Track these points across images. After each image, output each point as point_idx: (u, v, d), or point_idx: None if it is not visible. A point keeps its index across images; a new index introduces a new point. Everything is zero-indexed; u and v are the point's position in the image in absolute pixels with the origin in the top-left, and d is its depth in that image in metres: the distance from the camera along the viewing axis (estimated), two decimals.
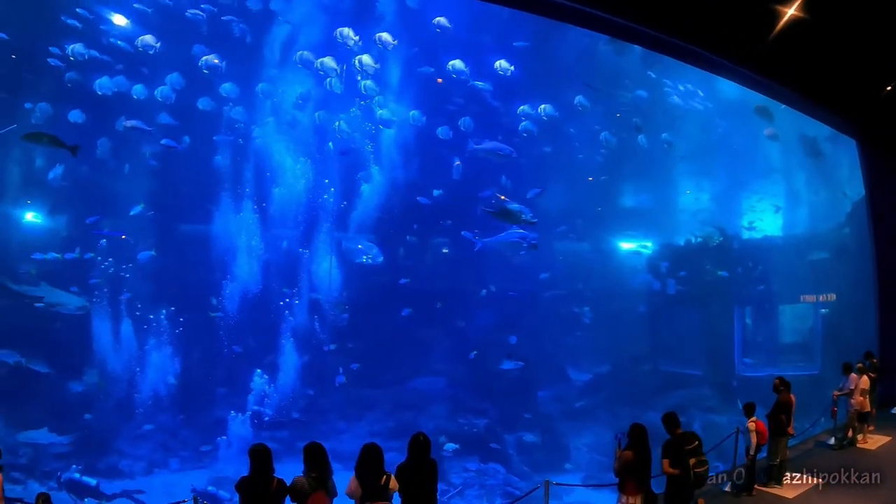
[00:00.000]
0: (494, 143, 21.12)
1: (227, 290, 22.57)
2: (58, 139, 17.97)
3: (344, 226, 24.18)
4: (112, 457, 20.74)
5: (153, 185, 22.84)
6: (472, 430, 22.25)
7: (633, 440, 9.35)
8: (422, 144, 23.44)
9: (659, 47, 13.98)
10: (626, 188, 29.09)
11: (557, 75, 23.61)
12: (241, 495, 7.30)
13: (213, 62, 20.25)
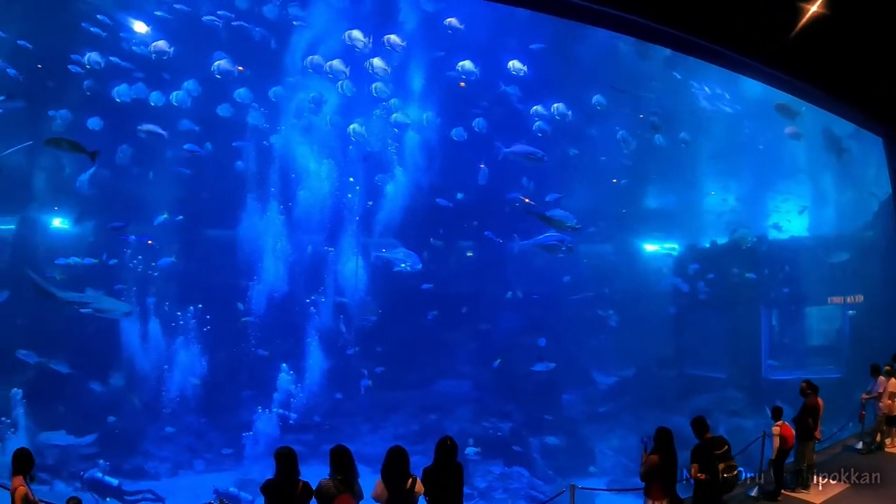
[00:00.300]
0: (525, 147, 21.07)
1: (254, 295, 22.76)
2: (78, 144, 18.17)
3: (368, 230, 24.29)
4: (138, 458, 21.07)
5: (179, 191, 23.13)
6: (496, 433, 22.22)
7: (658, 444, 9.31)
8: (445, 147, 23.42)
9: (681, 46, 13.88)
10: (650, 190, 28.90)
11: (581, 77, 23.50)
12: (267, 498, 7.34)
13: (227, 68, 20.34)
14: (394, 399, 23.33)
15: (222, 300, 22.37)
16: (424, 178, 24.13)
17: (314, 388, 22.42)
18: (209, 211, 23.50)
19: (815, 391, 12.49)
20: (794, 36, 11.37)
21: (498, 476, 21.22)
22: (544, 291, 24.88)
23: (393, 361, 23.41)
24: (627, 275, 27.05)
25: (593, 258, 26.53)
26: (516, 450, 22.07)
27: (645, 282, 27.75)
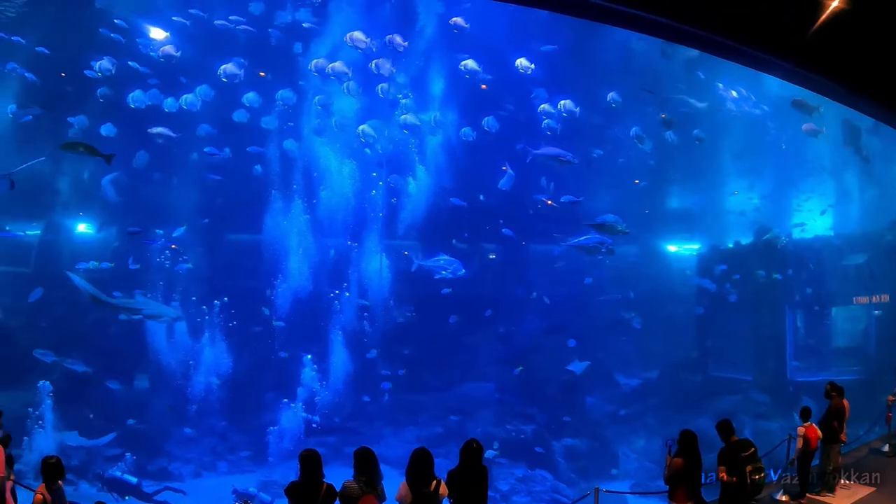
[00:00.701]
0: (554, 149, 21.00)
1: (278, 298, 22.90)
2: (94, 148, 18.39)
3: (390, 232, 24.37)
4: (162, 459, 21.32)
5: (202, 195, 23.42)
6: (519, 435, 22.17)
7: (683, 447, 9.28)
8: (467, 149, 23.43)
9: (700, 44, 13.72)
10: (672, 190, 28.73)
11: (603, 77, 23.39)
12: (291, 499, 7.42)
13: (234, 71, 20.42)
14: (417, 401, 23.39)
15: (247, 303, 22.53)
16: (445, 179, 24.12)
17: (338, 391, 22.52)
18: (232, 214, 23.75)
19: (841, 393, 12.37)
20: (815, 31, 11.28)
21: (520, 479, 21.18)
22: (567, 293, 24.81)
23: (416, 364, 23.51)
24: (650, 276, 26.89)
25: (616, 259, 26.39)
26: (539, 452, 22.02)
27: (668, 283, 27.60)
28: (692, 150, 25.21)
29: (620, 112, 22.76)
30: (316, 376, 22.37)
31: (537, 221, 24.55)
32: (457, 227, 24.61)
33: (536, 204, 23.57)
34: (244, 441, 21.73)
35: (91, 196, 24.43)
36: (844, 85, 14.94)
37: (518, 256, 25.47)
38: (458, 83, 23.03)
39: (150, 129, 20.69)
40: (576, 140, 22.94)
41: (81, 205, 24.70)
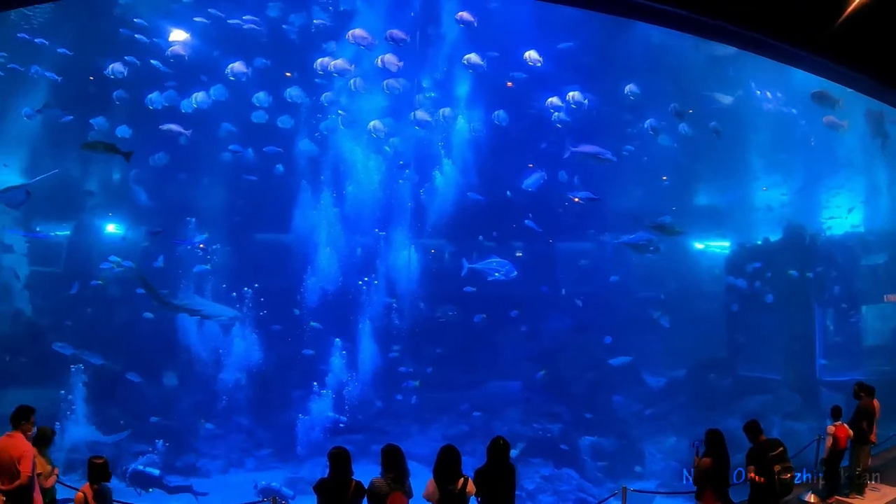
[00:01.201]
0: (593, 147, 20.87)
1: (305, 296, 23.04)
2: (112, 146, 18.66)
3: (417, 230, 24.44)
4: (190, 456, 21.52)
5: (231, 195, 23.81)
6: (545, 434, 22.09)
7: (710, 447, 9.23)
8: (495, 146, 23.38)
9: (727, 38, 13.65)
10: (700, 187, 28.43)
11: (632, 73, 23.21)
12: (320, 497, 7.49)
13: (241, 70, 20.47)
14: (443, 399, 23.38)
15: (275, 301, 22.72)
16: (471, 176, 24.03)
17: (365, 388, 22.65)
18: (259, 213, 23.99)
19: (870, 393, 12.19)
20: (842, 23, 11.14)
21: (547, 477, 21.12)
22: (593, 291, 24.67)
23: (443, 362, 23.56)
24: (678, 273, 26.64)
25: (643, 257, 26.29)
26: (565, 451, 21.96)
27: (696, 280, 27.32)
28: (720, 147, 24.98)
29: (648, 108, 22.60)
30: (343, 374, 22.50)
31: (565, 218, 24.50)
32: (484, 225, 24.61)
33: (564, 201, 23.44)
34: (271, 438, 21.87)
35: (120, 197, 24.86)
36: (872, 77, 14.74)
37: (545, 254, 25.38)
38: (485, 81, 22.95)
39: (163, 126, 20.81)
40: (604, 137, 22.84)
41: (110, 205, 25.10)
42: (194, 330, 23.00)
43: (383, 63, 20.14)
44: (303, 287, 23.19)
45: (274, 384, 22.60)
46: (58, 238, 26.00)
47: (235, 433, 22.39)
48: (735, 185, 28.35)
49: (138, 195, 24.39)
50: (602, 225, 25.64)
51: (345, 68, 20.12)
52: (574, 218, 24.64)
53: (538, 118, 22.65)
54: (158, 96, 21.12)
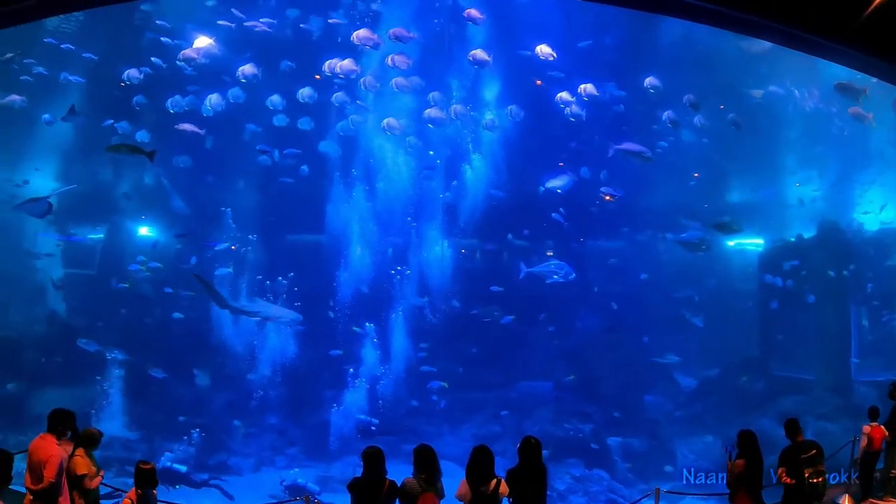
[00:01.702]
0: (635, 145, 20.84)
1: (337, 296, 23.19)
2: (136, 147, 19.07)
3: (449, 229, 24.48)
4: (222, 454, 21.83)
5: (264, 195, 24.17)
6: (577, 434, 22.03)
7: (743, 448, 9.10)
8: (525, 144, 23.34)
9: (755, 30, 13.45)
10: (732, 183, 28.06)
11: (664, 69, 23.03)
12: (353, 495, 7.53)
13: (252, 72, 20.44)
14: (474, 399, 23.43)
15: (307, 301, 22.88)
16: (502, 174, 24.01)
17: (396, 388, 22.77)
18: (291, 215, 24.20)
19: None
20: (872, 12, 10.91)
21: (577, 478, 21.06)
22: (624, 290, 24.49)
23: (474, 361, 23.63)
24: (710, 272, 26.35)
25: (675, 255, 26.06)
26: (596, 451, 21.88)
27: (728, 278, 26.95)
28: (752, 142, 24.67)
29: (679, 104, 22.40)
30: (375, 374, 22.65)
31: (596, 216, 24.40)
32: (514, 223, 24.57)
33: (595, 199, 23.32)
34: (303, 437, 22.06)
35: (152, 200, 25.26)
36: None
37: (575, 252, 25.26)
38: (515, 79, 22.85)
39: (178, 125, 21.10)
40: (638, 133, 22.72)
41: (143, 208, 25.51)
42: (227, 329, 23.31)
43: (393, 62, 20.14)
44: (335, 287, 23.34)
45: (306, 383, 22.82)
46: (92, 241, 26.53)
47: (267, 432, 22.64)
48: (768, 182, 27.90)
49: (170, 198, 24.76)
50: (634, 223, 25.46)
51: (351, 69, 20.04)
52: (605, 216, 24.53)
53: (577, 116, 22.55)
54: (180, 99, 21.36)
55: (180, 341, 23.22)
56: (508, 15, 22.94)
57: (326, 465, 21.05)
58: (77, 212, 25.82)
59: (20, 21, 10.92)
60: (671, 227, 25.66)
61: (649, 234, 26.22)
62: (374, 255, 23.92)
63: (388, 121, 21.43)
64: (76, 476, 8.44)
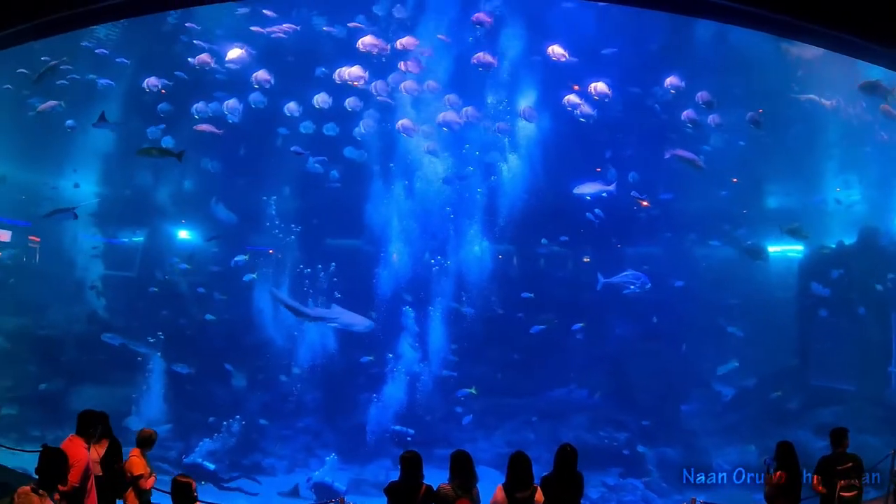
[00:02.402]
0: (690, 154, 20.86)
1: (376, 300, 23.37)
2: (165, 149, 19.74)
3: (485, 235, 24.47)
4: (256, 454, 22.07)
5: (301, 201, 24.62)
6: (611, 443, 21.86)
7: (782, 459, 8.99)
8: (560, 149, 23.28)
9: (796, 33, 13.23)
10: (771, 188, 27.57)
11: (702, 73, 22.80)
12: (390, 499, 7.57)
13: (265, 77, 20.59)
14: (508, 405, 23.35)
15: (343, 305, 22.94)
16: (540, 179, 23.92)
17: (430, 393, 22.79)
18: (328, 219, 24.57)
19: None
20: None
21: (611, 487, 20.88)
22: (660, 297, 24.25)
23: (508, 367, 23.62)
24: (748, 279, 25.94)
25: (712, 261, 25.73)
26: (631, 461, 21.68)
27: (767, 286, 26.45)
28: (791, 146, 24.33)
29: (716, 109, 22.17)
30: (409, 378, 22.72)
31: (635, 222, 24.30)
32: (551, 229, 24.52)
33: (633, 205, 23.18)
34: (337, 440, 22.18)
35: (191, 204, 25.74)
36: None
37: (612, 258, 25.11)
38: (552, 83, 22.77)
39: (196, 126, 21.50)
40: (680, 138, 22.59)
41: (183, 212, 25.99)
42: (264, 331, 23.64)
43: (406, 67, 20.49)
44: (372, 291, 23.50)
45: (342, 386, 23.01)
46: (130, 243, 27.13)
47: (301, 433, 22.87)
48: (807, 187, 27.38)
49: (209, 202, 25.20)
50: (672, 228, 25.21)
51: (359, 76, 20.06)
52: (642, 221, 24.37)
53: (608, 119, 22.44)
54: (204, 105, 21.74)
55: (217, 342, 23.65)
56: (545, 20, 22.89)
57: (360, 468, 21.12)
58: (117, 215, 26.44)
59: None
60: (710, 233, 25.40)
61: (687, 240, 25.90)
62: (411, 259, 24.00)
63: (402, 122, 21.49)
64: (132, 476, 8.63)
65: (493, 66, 20.57)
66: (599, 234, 23.87)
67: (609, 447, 21.73)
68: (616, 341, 24.38)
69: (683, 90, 20.57)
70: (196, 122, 21.76)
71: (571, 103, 20.74)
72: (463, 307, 23.54)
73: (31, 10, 9.36)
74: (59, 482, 6.94)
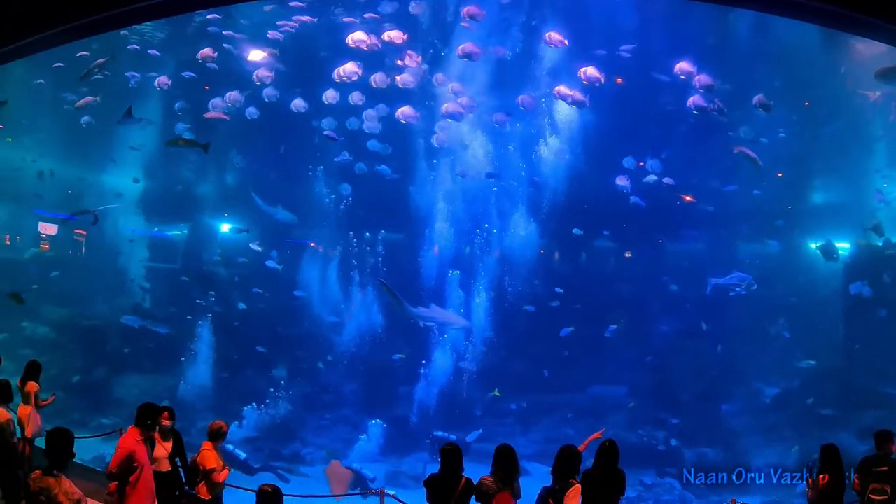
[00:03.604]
0: (752, 153, 20.80)
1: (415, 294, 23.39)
2: (191, 140, 20.41)
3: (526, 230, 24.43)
4: (295, 444, 22.32)
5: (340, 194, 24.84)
6: (650, 441, 21.67)
7: (826, 463, 8.81)
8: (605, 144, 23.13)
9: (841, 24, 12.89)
10: (817, 183, 26.93)
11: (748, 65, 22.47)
12: (429, 491, 7.59)
13: (266, 74, 20.88)
14: (547, 401, 23.42)
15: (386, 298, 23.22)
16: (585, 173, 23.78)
17: (471, 388, 22.92)
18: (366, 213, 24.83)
19: None
20: None
21: (648, 486, 20.70)
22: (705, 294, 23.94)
23: (547, 364, 23.62)
24: (793, 276, 25.49)
25: (756, 258, 25.34)
26: (669, 460, 21.46)
27: (812, 284, 25.97)
28: (838, 141, 23.94)
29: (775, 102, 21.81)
30: (449, 373, 22.84)
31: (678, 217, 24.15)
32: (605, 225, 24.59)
33: (676, 200, 22.96)
34: (376, 431, 22.31)
35: (234, 198, 26.15)
36: None
37: (654, 254, 24.91)
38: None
39: (206, 113, 21.83)
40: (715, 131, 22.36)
41: (225, 206, 26.42)
42: (305, 323, 23.95)
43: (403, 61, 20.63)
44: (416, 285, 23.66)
45: (382, 379, 23.29)
46: (176, 237, 27.72)
47: (340, 424, 23.17)
48: (853, 182, 26.74)
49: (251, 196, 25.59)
50: (716, 224, 24.88)
51: (354, 72, 20.01)
52: (686, 216, 24.14)
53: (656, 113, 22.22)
54: (220, 101, 21.96)
55: (259, 333, 23.99)
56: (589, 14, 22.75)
57: (397, 460, 21.23)
58: (161, 209, 26.99)
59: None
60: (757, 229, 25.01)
61: (734, 236, 25.55)
62: (455, 252, 24.23)
63: (402, 110, 21.22)
64: (205, 470, 8.72)
65: (479, 55, 20.20)
66: (643, 228, 23.73)
67: (647, 445, 21.53)
68: (657, 338, 24.26)
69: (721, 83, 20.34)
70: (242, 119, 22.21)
71: (562, 94, 20.70)
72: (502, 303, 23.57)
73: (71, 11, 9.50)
74: (70, 460, 6.88)
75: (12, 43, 9.56)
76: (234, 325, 24.37)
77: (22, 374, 11.64)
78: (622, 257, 25.87)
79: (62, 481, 6.28)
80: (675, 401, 22.97)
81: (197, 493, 8.90)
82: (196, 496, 8.94)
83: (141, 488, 8.09)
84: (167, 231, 28.55)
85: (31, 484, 6.31)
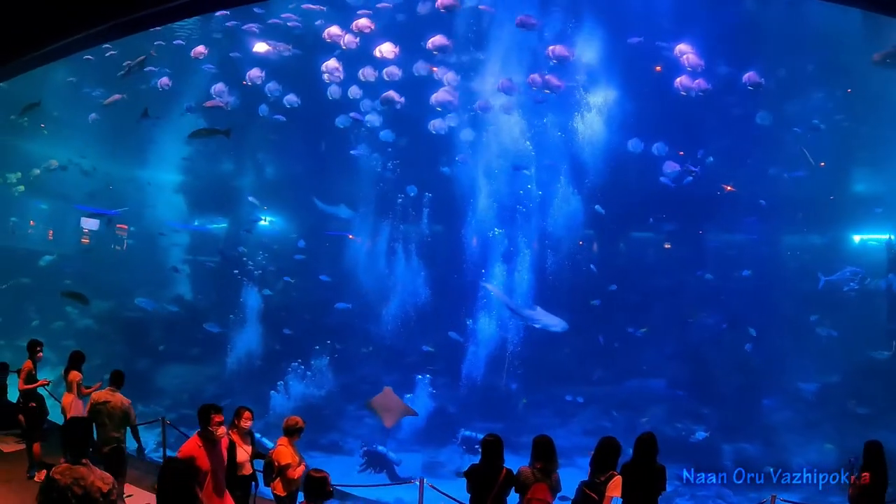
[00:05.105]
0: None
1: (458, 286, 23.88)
2: (213, 129, 21.03)
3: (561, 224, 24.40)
4: (334, 434, 22.55)
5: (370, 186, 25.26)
6: (688, 436, 21.49)
7: (869, 460, 8.71)
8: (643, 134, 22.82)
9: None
10: (858, 173, 26.32)
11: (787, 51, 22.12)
12: (470, 481, 7.70)
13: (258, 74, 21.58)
14: (585, 394, 23.29)
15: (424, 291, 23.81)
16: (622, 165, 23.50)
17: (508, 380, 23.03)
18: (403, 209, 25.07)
19: None
20: None
21: (685, 481, 20.53)
22: (746, 286, 23.64)
23: (586, 356, 23.62)
24: (834, 268, 25.05)
25: (797, 250, 24.98)
26: (707, 455, 21.23)
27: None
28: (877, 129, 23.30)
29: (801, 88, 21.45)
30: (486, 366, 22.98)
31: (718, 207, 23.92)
32: (644, 217, 24.56)
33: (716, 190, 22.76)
34: (413, 422, 22.43)
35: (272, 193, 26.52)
36: None
37: (695, 245, 24.69)
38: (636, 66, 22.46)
39: (206, 102, 22.45)
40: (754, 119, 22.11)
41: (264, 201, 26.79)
42: (343, 315, 24.19)
43: (381, 53, 20.35)
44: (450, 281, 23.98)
45: (417, 370, 23.35)
46: (215, 231, 28.17)
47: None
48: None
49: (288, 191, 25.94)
50: (757, 215, 24.50)
51: (335, 67, 20.72)
52: (727, 207, 23.91)
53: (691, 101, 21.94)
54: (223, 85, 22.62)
55: (297, 324, 24.26)
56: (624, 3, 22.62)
57: (434, 451, 21.37)
58: (202, 203, 27.45)
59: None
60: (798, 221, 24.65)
61: (771, 228, 25.17)
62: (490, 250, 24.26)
63: (388, 94, 21.53)
64: (280, 466, 8.75)
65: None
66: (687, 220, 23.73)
67: (685, 440, 21.33)
68: (697, 331, 24.02)
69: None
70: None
71: (534, 81, 20.70)
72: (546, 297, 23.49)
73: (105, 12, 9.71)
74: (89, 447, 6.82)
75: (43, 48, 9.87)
76: (274, 316, 24.68)
77: (66, 364, 11.95)
78: (662, 248, 25.64)
79: (93, 469, 6.27)
80: (714, 394, 22.73)
81: (273, 489, 8.92)
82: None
83: (208, 489, 8.08)
84: (207, 225, 29.10)
85: (59, 478, 6.05)
